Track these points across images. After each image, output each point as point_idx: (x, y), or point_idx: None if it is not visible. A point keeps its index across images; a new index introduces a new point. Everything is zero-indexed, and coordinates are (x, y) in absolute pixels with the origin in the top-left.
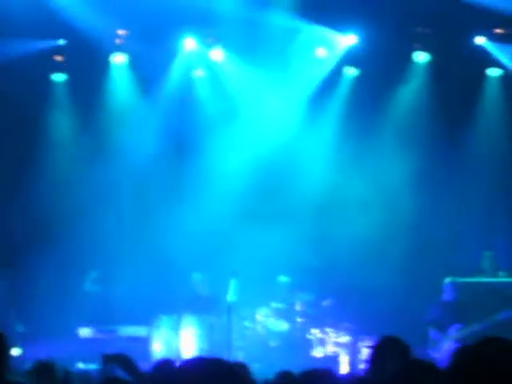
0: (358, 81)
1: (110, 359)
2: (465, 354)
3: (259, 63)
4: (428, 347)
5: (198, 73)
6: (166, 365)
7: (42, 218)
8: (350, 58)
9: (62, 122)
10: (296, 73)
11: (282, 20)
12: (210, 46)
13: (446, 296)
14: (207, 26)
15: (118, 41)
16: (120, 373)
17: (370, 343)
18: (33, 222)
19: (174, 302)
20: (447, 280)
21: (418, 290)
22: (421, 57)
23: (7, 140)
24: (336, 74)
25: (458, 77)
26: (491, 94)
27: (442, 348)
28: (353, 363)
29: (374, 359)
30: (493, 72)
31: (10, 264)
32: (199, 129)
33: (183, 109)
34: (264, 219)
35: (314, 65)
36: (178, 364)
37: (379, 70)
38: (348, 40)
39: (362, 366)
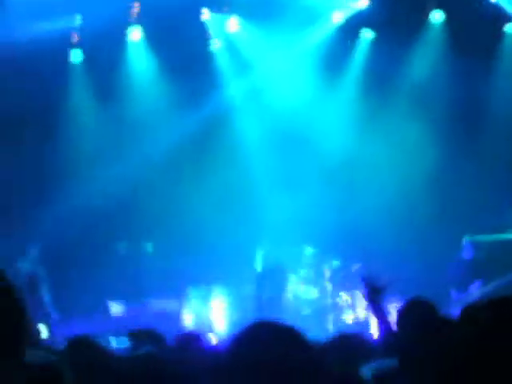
0: (375, 43)
1: (137, 335)
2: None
3: (275, 30)
4: (450, 307)
5: (215, 44)
6: (192, 338)
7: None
8: (365, 21)
9: (81, 103)
10: (311, 37)
11: None
12: (225, 15)
13: (465, 254)
14: None
15: (133, 14)
16: (148, 348)
17: (398, 305)
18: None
19: (205, 274)
20: (465, 238)
21: (441, 249)
22: (436, 16)
23: (26, 124)
24: (352, 37)
25: (475, 35)
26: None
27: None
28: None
29: (401, 322)
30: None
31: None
32: (219, 100)
33: (203, 81)
34: (285, 186)
35: (329, 29)
36: (204, 336)
37: (395, 31)
38: (361, 2)
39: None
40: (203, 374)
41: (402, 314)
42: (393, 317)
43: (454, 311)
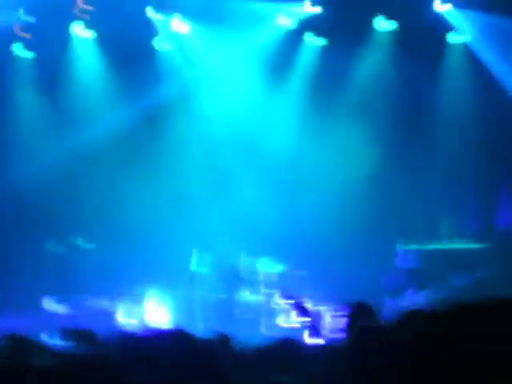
0: (323, 50)
1: (70, 334)
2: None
3: (221, 32)
4: (384, 315)
5: (161, 43)
6: (125, 336)
7: (15, 193)
8: (312, 27)
9: (27, 98)
10: (258, 40)
11: None
12: (170, 15)
13: (400, 263)
14: None
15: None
16: (81, 347)
17: (334, 311)
18: (5, 196)
19: (140, 274)
20: (400, 247)
21: (377, 256)
22: (383, 24)
23: None
24: (299, 42)
25: (420, 43)
26: (454, 62)
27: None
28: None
29: (350, 326)
30: (454, 39)
31: None
32: (162, 97)
33: (150, 80)
34: (227, 187)
35: (276, 32)
36: (140, 335)
37: (342, 38)
38: (310, 8)
39: (324, 334)
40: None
41: (349, 319)
42: (327, 321)
43: (388, 317)
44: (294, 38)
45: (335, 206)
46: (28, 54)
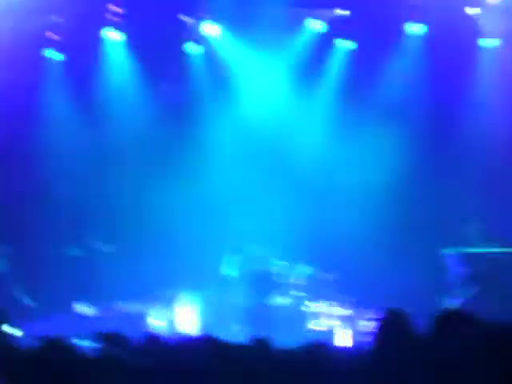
0: (353, 54)
1: (103, 338)
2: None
3: (252, 36)
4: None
5: (192, 46)
6: (154, 340)
7: (41, 193)
8: (343, 31)
9: (58, 101)
10: (289, 44)
11: None
12: (201, 18)
13: (452, 266)
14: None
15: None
16: (114, 350)
17: (368, 316)
18: (31, 196)
19: (171, 278)
20: (451, 251)
21: (412, 261)
22: (415, 28)
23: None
24: (330, 46)
25: (452, 48)
26: (485, 65)
27: None
28: (352, 337)
29: (380, 332)
30: (486, 43)
31: (11, 239)
32: (196, 101)
33: (180, 82)
34: (257, 192)
35: (307, 37)
36: (167, 339)
37: (373, 42)
38: (340, 12)
39: (360, 339)
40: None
41: (380, 324)
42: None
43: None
44: (324, 42)
45: (365, 210)
46: (59, 57)
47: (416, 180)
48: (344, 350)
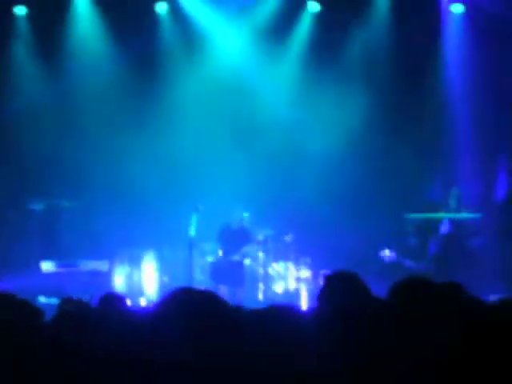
0: (320, 16)
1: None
2: None
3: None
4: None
5: (160, 6)
6: (115, 299)
7: (5, 149)
8: None
9: (22, 56)
10: (257, 5)
11: None
12: None
13: (444, 230)
14: None
15: None
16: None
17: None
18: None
19: (137, 237)
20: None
21: (379, 224)
22: None
23: None
24: (299, 8)
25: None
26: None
27: None
28: (313, 298)
29: (326, 293)
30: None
31: None
32: (164, 61)
33: (148, 41)
34: (224, 151)
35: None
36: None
37: (341, 5)
38: None
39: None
40: (126, 335)
41: (325, 285)
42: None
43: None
44: (291, 4)
45: (327, 173)
46: (23, 11)
47: (379, 142)
48: (302, 312)
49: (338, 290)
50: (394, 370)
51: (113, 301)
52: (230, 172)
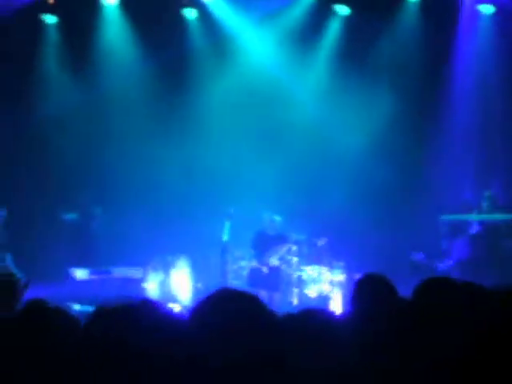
0: (349, 20)
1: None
2: None
3: (249, 3)
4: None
5: (189, 12)
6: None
7: (36, 158)
8: None
9: (52, 65)
10: (287, 11)
11: None
12: None
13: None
14: None
15: None
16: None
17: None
18: (27, 162)
19: (170, 243)
20: (447, 217)
21: (411, 226)
22: None
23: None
24: (327, 12)
25: (447, 14)
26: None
27: None
28: (346, 301)
29: (356, 297)
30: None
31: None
32: (192, 67)
33: (177, 47)
34: (256, 157)
35: (303, 2)
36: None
37: (370, 8)
38: None
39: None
40: (161, 342)
41: (355, 289)
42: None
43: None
44: (320, 8)
45: (357, 176)
46: (53, 19)
47: (409, 145)
48: (335, 316)
49: (367, 293)
50: (418, 372)
51: (149, 307)
52: (261, 177)
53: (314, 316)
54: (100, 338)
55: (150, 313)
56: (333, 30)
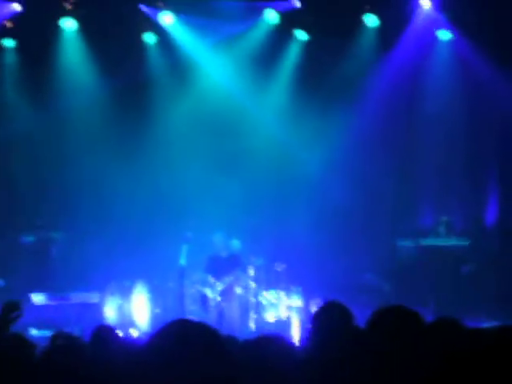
0: (308, 44)
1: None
2: None
3: (207, 27)
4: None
5: (149, 37)
6: (108, 331)
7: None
8: (298, 21)
9: (10, 87)
10: (245, 34)
11: None
12: (160, 10)
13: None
14: None
15: (67, 6)
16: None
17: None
18: None
19: (128, 269)
20: (405, 242)
21: (368, 249)
22: (369, 19)
23: None
24: (286, 37)
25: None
26: (441, 59)
27: None
28: (304, 327)
29: (315, 325)
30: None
31: None
32: (152, 91)
33: (136, 71)
34: (215, 181)
35: (262, 27)
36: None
37: (329, 34)
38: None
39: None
40: (120, 368)
41: (315, 318)
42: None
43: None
44: (279, 33)
45: (315, 199)
46: (11, 43)
47: (367, 169)
48: (292, 344)
49: (325, 321)
50: None
51: (105, 333)
52: (219, 201)
53: (271, 343)
54: (55, 364)
55: (106, 339)
56: (292, 54)
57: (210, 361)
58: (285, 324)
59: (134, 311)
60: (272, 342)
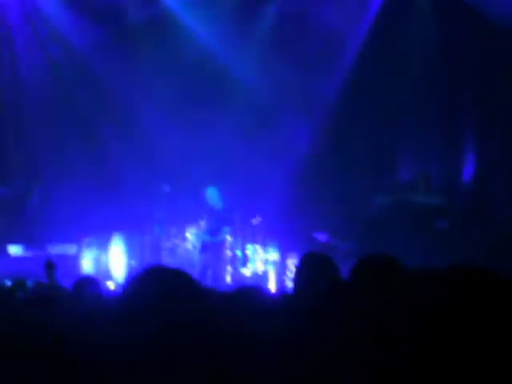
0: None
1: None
2: None
3: None
4: None
5: None
6: (87, 282)
7: None
8: None
9: None
10: None
11: None
12: None
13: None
14: None
15: None
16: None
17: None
18: None
19: (105, 221)
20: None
21: (346, 205)
22: None
23: None
24: None
25: None
26: None
27: None
28: (280, 280)
29: (299, 276)
30: None
31: None
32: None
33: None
34: (192, 134)
35: None
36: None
37: None
38: None
39: (289, 283)
40: (97, 318)
41: (299, 269)
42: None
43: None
44: None
45: (292, 153)
46: None
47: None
48: (275, 294)
49: (310, 269)
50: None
51: (87, 284)
52: (199, 154)
53: (250, 292)
54: (33, 320)
55: (88, 289)
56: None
57: (188, 305)
58: (261, 278)
59: (111, 263)
60: (251, 291)
